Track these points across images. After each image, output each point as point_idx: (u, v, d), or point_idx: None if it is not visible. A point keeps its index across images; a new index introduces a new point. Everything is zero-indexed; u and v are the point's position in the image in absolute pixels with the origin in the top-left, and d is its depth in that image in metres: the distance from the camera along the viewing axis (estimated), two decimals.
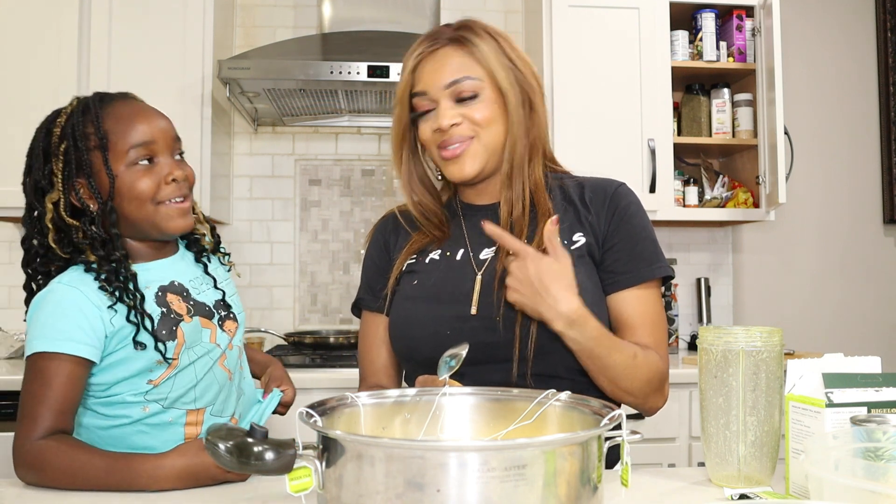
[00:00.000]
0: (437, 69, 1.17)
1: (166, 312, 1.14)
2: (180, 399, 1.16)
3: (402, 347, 1.23)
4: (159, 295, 1.16)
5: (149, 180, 1.13)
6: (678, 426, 2.33)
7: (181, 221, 1.16)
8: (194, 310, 1.18)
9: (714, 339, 0.97)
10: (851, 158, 3.15)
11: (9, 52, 2.44)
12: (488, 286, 1.16)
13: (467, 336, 1.10)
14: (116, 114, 1.14)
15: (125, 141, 1.12)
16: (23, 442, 1.03)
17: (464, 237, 1.24)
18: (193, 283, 1.22)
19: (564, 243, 1.16)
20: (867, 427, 0.78)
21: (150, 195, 1.13)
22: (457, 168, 1.17)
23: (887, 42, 3.15)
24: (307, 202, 2.94)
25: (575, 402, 0.88)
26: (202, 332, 1.18)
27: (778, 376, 0.96)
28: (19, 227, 2.75)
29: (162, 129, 1.15)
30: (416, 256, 1.24)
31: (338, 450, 0.70)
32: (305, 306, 2.91)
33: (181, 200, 1.16)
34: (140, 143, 1.13)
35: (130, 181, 1.12)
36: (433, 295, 1.19)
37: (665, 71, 2.63)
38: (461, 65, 1.16)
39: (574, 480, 0.69)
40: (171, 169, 1.15)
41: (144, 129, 1.13)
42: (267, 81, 2.38)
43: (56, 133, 1.14)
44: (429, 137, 1.18)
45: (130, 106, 1.16)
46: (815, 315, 3.08)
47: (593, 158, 2.48)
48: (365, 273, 1.33)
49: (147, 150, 1.13)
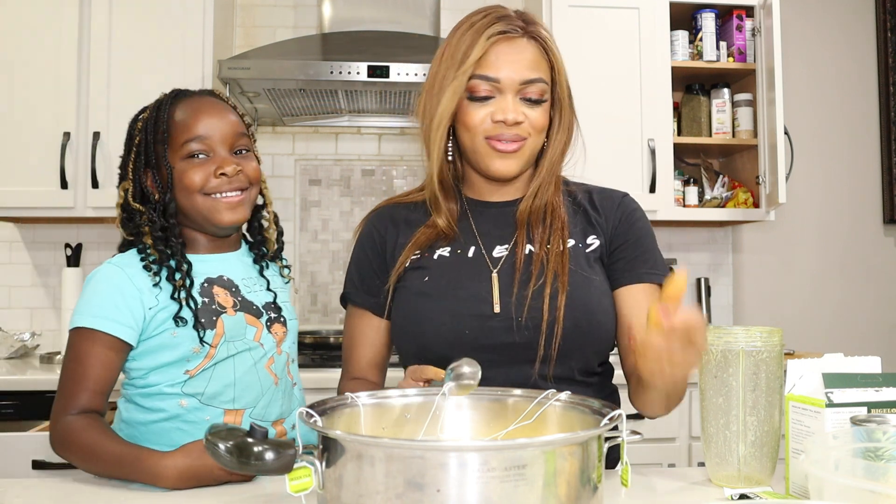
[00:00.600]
0: (517, 61, 1.13)
1: (208, 302, 1.17)
2: (218, 396, 1.17)
3: (412, 345, 1.18)
4: (204, 286, 1.19)
5: (199, 173, 1.17)
6: (678, 426, 2.33)
7: (229, 215, 1.19)
8: (241, 305, 1.20)
9: (714, 339, 0.98)
10: (851, 158, 3.15)
11: (9, 53, 2.43)
12: (507, 285, 1.14)
13: (487, 336, 1.11)
14: (183, 109, 1.20)
15: (182, 135, 1.18)
16: (56, 417, 1.09)
17: (474, 234, 1.21)
18: (246, 282, 1.24)
19: (579, 246, 1.18)
20: (867, 427, 0.78)
21: (198, 187, 1.17)
22: (505, 165, 1.15)
23: (887, 42, 3.15)
24: (307, 202, 2.94)
25: (575, 402, 0.88)
26: (246, 328, 1.19)
27: (778, 376, 0.96)
28: (19, 227, 2.75)
29: (220, 125, 1.19)
30: (421, 252, 1.20)
31: (338, 450, 0.70)
32: (305, 306, 2.91)
33: (233, 195, 1.19)
34: (194, 138, 1.17)
35: (182, 173, 1.17)
36: (449, 292, 1.15)
37: (665, 71, 2.63)
38: (537, 64, 1.14)
39: (574, 480, 0.69)
40: (221, 163, 1.18)
41: (201, 124, 1.18)
42: (267, 81, 2.38)
43: (137, 127, 1.22)
44: (480, 124, 1.14)
45: (198, 102, 1.21)
46: (815, 315, 3.07)
47: (593, 158, 2.46)
48: (355, 266, 1.28)
49: (202, 145, 1.18)
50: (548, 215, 1.19)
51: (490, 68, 1.12)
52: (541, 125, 1.15)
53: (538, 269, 1.14)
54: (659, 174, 2.60)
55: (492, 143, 1.14)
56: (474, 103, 1.14)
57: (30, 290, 2.75)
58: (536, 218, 1.19)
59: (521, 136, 1.14)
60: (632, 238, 1.20)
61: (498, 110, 1.12)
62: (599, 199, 1.24)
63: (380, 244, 1.25)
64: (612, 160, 2.55)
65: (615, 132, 2.59)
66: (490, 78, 1.12)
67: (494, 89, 1.13)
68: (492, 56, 1.12)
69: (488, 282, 1.15)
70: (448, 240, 1.20)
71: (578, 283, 1.14)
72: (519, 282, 1.13)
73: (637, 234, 1.21)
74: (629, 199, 1.26)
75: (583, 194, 1.25)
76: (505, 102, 1.12)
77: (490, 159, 1.15)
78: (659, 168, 2.60)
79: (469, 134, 1.15)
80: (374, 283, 1.23)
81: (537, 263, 1.15)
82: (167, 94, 1.24)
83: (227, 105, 1.25)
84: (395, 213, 1.27)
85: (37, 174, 2.32)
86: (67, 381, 1.10)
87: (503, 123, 1.12)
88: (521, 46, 1.14)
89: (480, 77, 1.12)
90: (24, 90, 2.41)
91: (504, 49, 1.13)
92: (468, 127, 1.15)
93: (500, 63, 1.12)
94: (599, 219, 1.21)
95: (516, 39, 1.14)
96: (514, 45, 1.13)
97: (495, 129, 1.13)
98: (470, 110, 1.14)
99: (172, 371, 1.15)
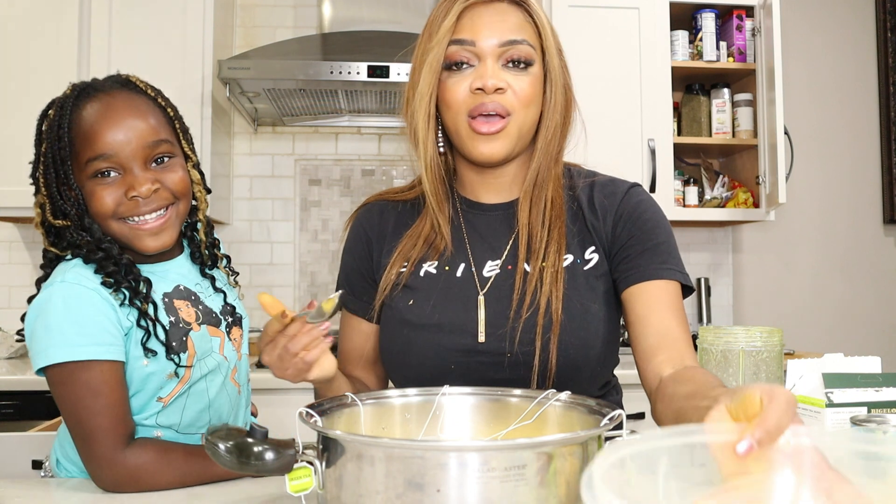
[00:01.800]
0: (495, 23, 1.01)
1: (175, 322, 1.05)
2: (195, 423, 1.08)
3: (399, 376, 1.11)
4: (166, 302, 1.06)
5: (109, 195, 1.00)
6: None
7: (151, 241, 1.03)
8: (202, 316, 1.09)
9: (714, 339, 0.97)
10: (851, 158, 3.15)
11: (9, 53, 2.44)
12: (494, 312, 1.04)
13: (474, 371, 1.03)
14: (84, 117, 1.01)
15: (85, 150, 1.00)
16: (110, 461, 0.95)
17: (465, 247, 1.10)
18: (200, 287, 1.13)
19: (577, 262, 1.07)
20: (867, 427, 0.78)
21: (110, 212, 1.01)
22: (489, 148, 1.02)
23: (887, 42, 3.15)
24: (307, 202, 2.94)
25: (575, 401, 0.88)
26: (211, 341, 1.10)
27: (778, 376, 0.95)
28: (19, 227, 2.75)
29: (129, 135, 1.00)
30: (408, 265, 1.10)
31: (338, 450, 0.69)
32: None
33: (152, 217, 1.02)
34: (98, 156, 0.99)
35: (90, 195, 1.01)
36: (434, 322, 1.05)
37: (665, 71, 2.63)
38: (520, 26, 1.02)
39: (574, 480, 0.69)
40: (133, 183, 1.00)
41: (107, 135, 1.00)
42: (267, 81, 2.38)
43: (42, 128, 1.04)
44: (460, 98, 1.02)
45: (104, 103, 1.02)
46: (815, 315, 3.07)
47: (593, 158, 2.47)
48: (344, 269, 1.19)
49: (108, 163, 1.00)
50: (547, 219, 1.07)
51: (465, 31, 1.01)
52: (527, 95, 1.02)
53: (531, 293, 1.03)
54: (659, 174, 2.60)
55: (473, 125, 1.01)
56: (453, 76, 1.02)
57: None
58: (535, 230, 1.06)
59: (506, 109, 1.01)
60: (637, 232, 1.07)
61: (476, 77, 1.01)
62: (600, 196, 1.10)
63: (366, 247, 1.16)
64: (612, 160, 2.53)
65: (615, 132, 2.59)
66: (465, 41, 1.01)
67: (472, 55, 1.01)
68: (466, 20, 1.02)
69: (475, 308, 1.05)
70: (437, 251, 1.09)
71: (574, 313, 1.03)
72: (508, 308, 1.03)
73: (644, 226, 1.07)
74: (635, 190, 1.12)
75: (584, 190, 1.12)
76: (484, 68, 1.00)
77: (473, 142, 1.03)
78: (659, 168, 2.60)
79: (451, 113, 1.03)
80: (363, 286, 1.15)
81: (531, 285, 1.03)
82: (71, 89, 1.04)
83: (146, 97, 1.05)
84: (383, 213, 1.17)
85: None
86: (96, 418, 0.96)
87: (482, 91, 1.00)
88: (500, 9, 1.02)
89: (456, 42, 1.01)
90: (23, 90, 2.42)
91: (480, 11, 1.02)
92: (449, 104, 1.03)
93: (477, 25, 1.01)
94: (597, 223, 1.08)
95: (494, 3, 1.03)
96: (491, 8, 1.02)
97: (475, 99, 1.01)
98: (449, 84, 1.03)
99: (143, 399, 1.03)
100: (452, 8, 1.02)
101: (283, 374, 0.92)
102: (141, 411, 1.04)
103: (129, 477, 0.96)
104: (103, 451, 0.96)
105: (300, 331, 0.88)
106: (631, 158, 2.60)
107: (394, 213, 1.17)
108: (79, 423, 0.97)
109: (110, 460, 0.95)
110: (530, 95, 1.03)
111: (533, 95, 1.03)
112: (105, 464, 0.96)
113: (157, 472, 0.96)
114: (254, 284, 2.88)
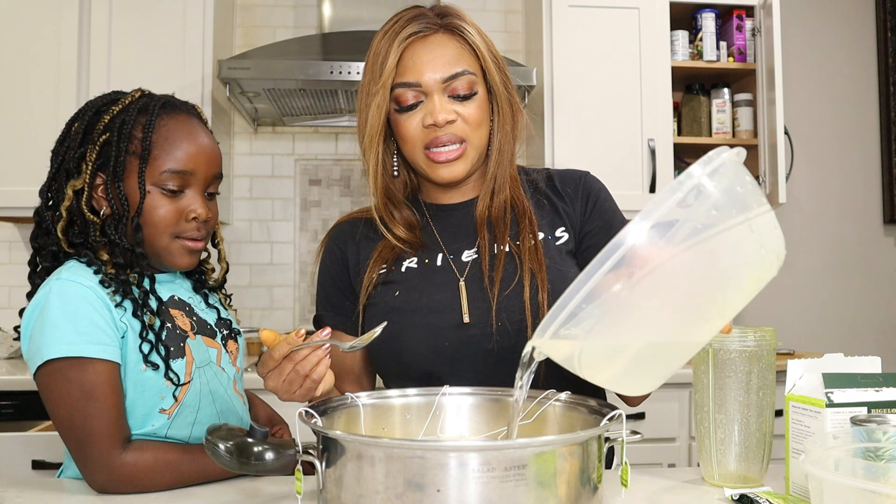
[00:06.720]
0: (434, 59, 1.07)
1: (171, 328, 1.06)
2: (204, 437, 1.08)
3: (394, 364, 1.12)
4: (161, 308, 1.07)
5: (172, 211, 1.05)
6: (678, 426, 2.33)
7: (185, 259, 1.08)
8: (197, 326, 1.10)
9: None
10: (851, 158, 3.15)
11: (8, 53, 2.43)
12: (476, 292, 1.09)
13: (466, 346, 1.06)
14: (170, 128, 1.06)
15: (164, 161, 1.04)
16: (107, 465, 0.94)
17: (437, 241, 1.16)
18: (193, 300, 1.15)
19: (549, 238, 1.14)
20: (867, 427, 0.78)
21: (169, 227, 1.05)
22: (450, 172, 1.10)
23: (887, 42, 3.15)
24: (307, 202, 2.94)
25: (575, 401, 0.88)
26: (208, 351, 1.10)
27: (771, 375, 0.96)
28: (19, 227, 2.75)
29: (207, 163, 1.07)
30: (388, 266, 1.14)
31: (338, 450, 0.70)
32: (305, 306, 2.91)
33: (196, 240, 1.08)
34: (180, 171, 1.04)
35: (153, 205, 1.04)
36: (423, 305, 1.09)
37: (665, 71, 2.63)
38: (458, 57, 1.08)
39: (574, 480, 0.69)
40: (196, 205, 1.06)
41: (192, 157, 1.05)
42: (267, 81, 2.38)
43: (104, 119, 1.06)
44: (415, 134, 1.09)
45: (187, 126, 1.07)
46: (815, 315, 3.07)
47: (593, 158, 2.48)
48: (322, 287, 1.21)
49: (181, 180, 1.05)
50: (508, 212, 1.14)
51: (408, 74, 1.07)
52: (476, 119, 1.09)
53: (511, 269, 1.09)
54: (659, 174, 2.60)
55: (431, 156, 1.09)
56: (404, 114, 1.09)
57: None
58: (498, 215, 1.14)
59: (459, 137, 1.08)
60: (600, 221, 1.15)
61: (427, 114, 1.07)
62: (561, 184, 1.19)
63: (341, 262, 1.19)
64: (611, 160, 2.55)
65: (615, 132, 2.59)
66: (411, 84, 1.07)
67: (420, 94, 1.08)
68: (408, 60, 1.07)
69: (457, 291, 1.10)
70: (414, 249, 1.15)
71: (555, 279, 1.08)
72: (489, 286, 1.08)
73: (604, 216, 1.16)
74: (590, 178, 1.20)
75: (544, 181, 1.20)
76: (432, 104, 1.07)
77: (433, 170, 1.10)
78: (659, 168, 2.60)
79: (408, 146, 1.11)
80: (344, 304, 1.18)
81: (511, 262, 1.10)
82: (153, 96, 1.09)
83: (209, 132, 1.11)
84: (353, 228, 1.21)
85: (37, 174, 2.37)
86: (91, 421, 0.94)
87: (434, 126, 1.07)
88: (437, 42, 1.08)
89: (402, 85, 1.08)
90: (24, 90, 2.41)
91: (419, 50, 1.08)
92: (405, 139, 1.10)
93: (418, 65, 1.07)
94: (567, 207, 1.16)
95: (430, 36, 1.08)
96: (429, 44, 1.08)
97: (429, 133, 1.08)
98: (402, 122, 1.10)
99: (145, 408, 1.02)
100: (392, 48, 1.08)
101: (291, 396, 0.94)
102: (145, 424, 1.02)
103: (127, 480, 0.95)
104: (100, 455, 0.95)
105: (308, 354, 0.91)
106: (631, 158, 2.60)
107: (363, 229, 1.20)
108: (72, 427, 0.95)
109: (107, 464, 0.94)
110: (479, 118, 1.10)
111: (482, 117, 1.11)
112: (102, 468, 0.95)
113: (156, 474, 0.96)
114: (254, 284, 2.88)
